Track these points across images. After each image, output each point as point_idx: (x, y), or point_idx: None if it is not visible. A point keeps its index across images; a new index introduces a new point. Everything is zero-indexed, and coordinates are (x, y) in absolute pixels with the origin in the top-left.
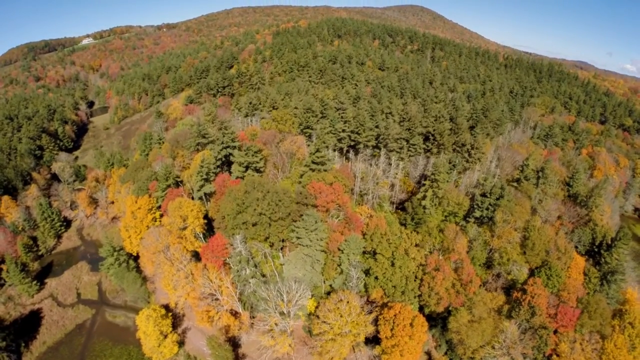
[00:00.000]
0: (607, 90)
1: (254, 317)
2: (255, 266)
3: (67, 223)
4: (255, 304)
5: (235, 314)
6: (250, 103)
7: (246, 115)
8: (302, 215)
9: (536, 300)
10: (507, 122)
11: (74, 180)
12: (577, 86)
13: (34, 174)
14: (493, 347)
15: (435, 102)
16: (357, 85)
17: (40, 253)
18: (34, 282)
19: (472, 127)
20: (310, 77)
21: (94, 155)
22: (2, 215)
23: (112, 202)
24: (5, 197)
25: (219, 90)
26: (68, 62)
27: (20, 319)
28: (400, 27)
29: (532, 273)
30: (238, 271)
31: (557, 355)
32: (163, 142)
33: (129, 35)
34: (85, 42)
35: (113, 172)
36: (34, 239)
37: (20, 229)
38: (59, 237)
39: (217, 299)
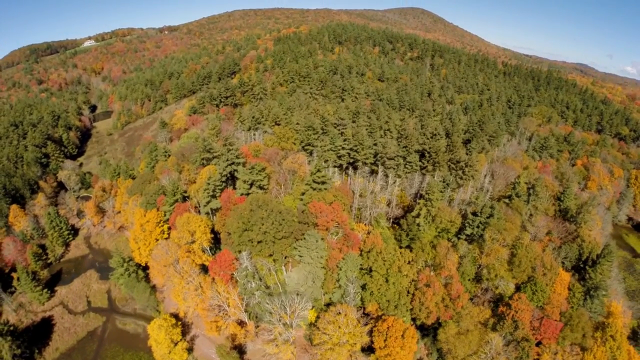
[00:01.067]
0: (604, 98)
1: (258, 327)
2: (260, 279)
3: (75, 231)
4: (260, 315)
5: (241, 324)
6: (253, 117)
7: (249, 129)
8: (304, 234)
9: (519, 315)
10: (503, 134)
11: (80, 188)
12: (575, 94)
13: (41, 183)
14: (479, 357)
15: (433, 116)
16: (356, 98)
17: (49, 261)
18: (45, 290)
19: (468, 141)
20: (311, 88)
21: (100, 162)
22: (11, 224)
23: (119, 212)
24: (14, 206)
25: (222, 100)
26: (70, 65)
27: (32, 326)
28: (400, 34)
29: (518, 288)
30: (244, 284)
31: None
32: (169, 155)
33: (130, 38)
34: (87, 44)
35: (119, 182)
36: (43, 247)
37: (29, 237)
38: (67, 245)
39: (224, 310)
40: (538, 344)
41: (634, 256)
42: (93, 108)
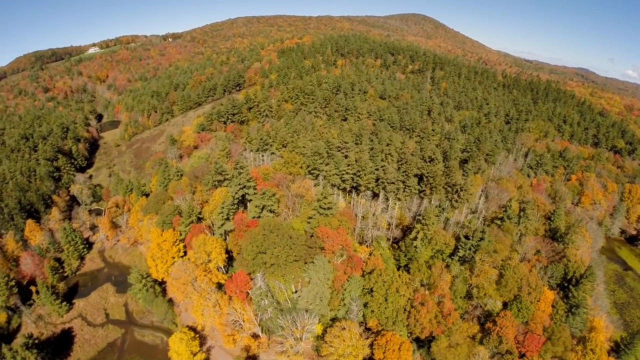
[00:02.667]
0: (602, 110)
1: (270, 339)
2: (273, 297)
3: (89, 245)
4: (272, 328)
5: (255, 336)
6: (261, 139)
7: (257, 150)
8: (312, 258)
9: (504, 331)
10: (500, 152)
11: (92, 202)
12: (573, 105)
13: (54, 197)
14: None
15: (432, 136)
16: (359, 118)
17: (65, 274)
18: (64, 302)
19: (465, 161)
20: (315, 107)
21: (109, 175)
22: (27, 238)
23: (132, 227)
24: (29, 221)
25: (229, 117)
26: (75, 73)
27: (53, 338)
28: (402, 45)
29: (505, 305)
30: (258, 302)
31: None
32: (181, 175)
33: (134, 46)
34: (91, 50)
35: (132, 198)
36: (59, 260)
37: (45, 251)
38: (82, 258)
39: (240, 324)
40: (522, 356)
41: (625, 269)
42: (99, 117)
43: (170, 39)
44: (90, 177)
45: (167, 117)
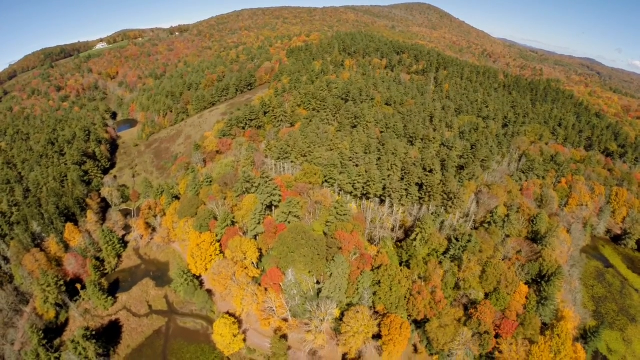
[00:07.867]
0: (599, 111)
1: (296, 321)
2: (300, 286)
3: (124, 244)
4: (299, 313)
5: (285, 319)
6: (281, 149)
7: (278, 159)
8: (333, 257)
9: (482, 317)
10: (495, 157)
11: (121, 202)
12: (571, 106)
13: (88, 200)
14: (454, 344)
15: (433, 143)
16: (367, 126)
17: (106, 272)
18: (109, 297)
19: (461, 167)
20: (327, 115)
21: (133, 175)
22: (67, 240)
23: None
24: (69, 225)
25: (247, 123)
26: (85, 70)
27: (102, 329)
28: (407, 44)
29: (487, 295)
30: (289, 292)
31: (500, 352)
32: (210, 181)
33: (142, 41)
34: (99, 46)
35: (162, 200)
36: (98, 258)
37: (84, 251)
38: (119, 256)
39: (273, 310)
40: (498, 336)
41: (607, 266)
42: (114, 115)
43: (177, 33)
44: (115, 177)
45: (183, 117)
